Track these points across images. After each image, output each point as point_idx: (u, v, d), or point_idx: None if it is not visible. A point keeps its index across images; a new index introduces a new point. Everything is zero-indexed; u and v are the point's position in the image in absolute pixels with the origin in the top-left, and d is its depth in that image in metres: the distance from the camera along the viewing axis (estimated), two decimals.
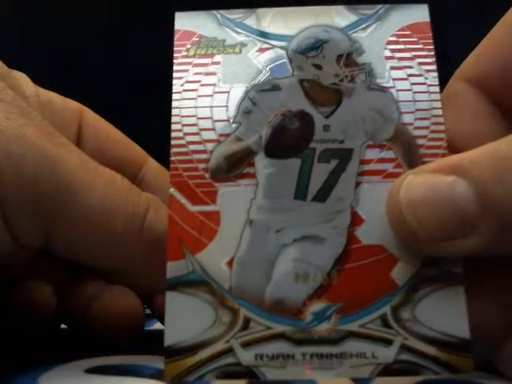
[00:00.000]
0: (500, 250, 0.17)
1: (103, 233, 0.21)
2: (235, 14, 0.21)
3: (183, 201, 0.19)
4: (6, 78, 0.23)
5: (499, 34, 0.22)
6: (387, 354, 0.17)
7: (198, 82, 0.20)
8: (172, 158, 0.20)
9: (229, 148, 0.19)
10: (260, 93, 0.20)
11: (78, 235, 0.21)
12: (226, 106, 0.20)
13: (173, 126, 0.20)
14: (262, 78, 0.20)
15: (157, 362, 0.21)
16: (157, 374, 0.20)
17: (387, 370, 0.17)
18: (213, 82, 0.20)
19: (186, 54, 0.21)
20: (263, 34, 0.21)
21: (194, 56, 0.21)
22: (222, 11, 0.21)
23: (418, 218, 0.17)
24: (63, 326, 0.27)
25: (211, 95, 0.20)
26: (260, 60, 0.21)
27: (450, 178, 0.17)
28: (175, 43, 0.21)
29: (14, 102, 0.21)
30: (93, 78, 0.47)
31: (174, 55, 0.21)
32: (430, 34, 0.21)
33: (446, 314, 0.18)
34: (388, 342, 0.17)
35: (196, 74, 0.20)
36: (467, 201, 0.16)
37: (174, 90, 0.20)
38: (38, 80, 0.27)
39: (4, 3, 0.49)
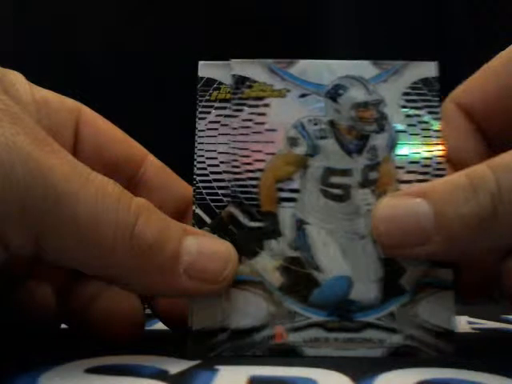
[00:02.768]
0: (448, 256, 0.23)
1: (93, 242, 0.21)
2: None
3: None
4: (0, 82, 0.23)
5: (494, 65, 0.27)
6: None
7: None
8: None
9: None
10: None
11: (68, 245, 0.21)
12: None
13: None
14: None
15: (157, 362, 0.22)
16: (157, 374, 0.21)
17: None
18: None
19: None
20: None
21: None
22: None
23: (386, 229, 0.23)
24: (63, 325, 0.28)
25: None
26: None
27: (416, 200, 0.22)
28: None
29: (7, 108, 0.20)
30: (93, 77, 0.48)
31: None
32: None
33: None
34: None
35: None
36: (426, 217, 0.22)
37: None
38: (38, 80, 0.27)
39: (4, 3, 0.49)
